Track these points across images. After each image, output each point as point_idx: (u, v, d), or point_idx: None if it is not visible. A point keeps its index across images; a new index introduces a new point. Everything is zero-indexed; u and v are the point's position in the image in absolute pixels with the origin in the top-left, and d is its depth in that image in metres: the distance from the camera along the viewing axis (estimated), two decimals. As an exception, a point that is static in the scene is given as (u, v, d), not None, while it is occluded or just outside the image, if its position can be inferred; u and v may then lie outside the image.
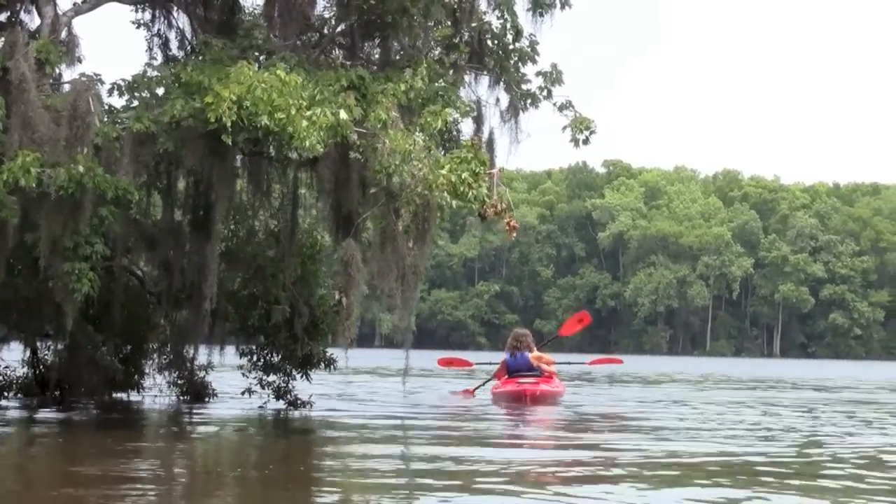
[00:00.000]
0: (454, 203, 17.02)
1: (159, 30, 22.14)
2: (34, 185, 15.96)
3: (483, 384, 30.50)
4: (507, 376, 28.39)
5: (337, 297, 17.50)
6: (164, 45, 22.07)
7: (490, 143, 20.96)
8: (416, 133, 17.19)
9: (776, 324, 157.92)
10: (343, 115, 16.16)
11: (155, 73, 18.49)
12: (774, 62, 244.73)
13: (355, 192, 18.20)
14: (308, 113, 16.08)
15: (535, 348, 29.03)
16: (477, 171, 17.12)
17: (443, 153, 17.94)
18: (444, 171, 16.86)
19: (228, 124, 15.97)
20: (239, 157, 19.07)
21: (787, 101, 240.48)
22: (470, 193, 17.01)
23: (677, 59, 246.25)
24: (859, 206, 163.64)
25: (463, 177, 16.94)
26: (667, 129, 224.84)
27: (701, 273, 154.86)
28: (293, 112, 16.01)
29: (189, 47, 21.52)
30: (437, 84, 18.46)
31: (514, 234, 17.50)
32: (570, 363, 37.84)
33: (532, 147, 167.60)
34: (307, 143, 15.90)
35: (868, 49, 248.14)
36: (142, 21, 21.95)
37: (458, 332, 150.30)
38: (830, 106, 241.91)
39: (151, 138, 17.45)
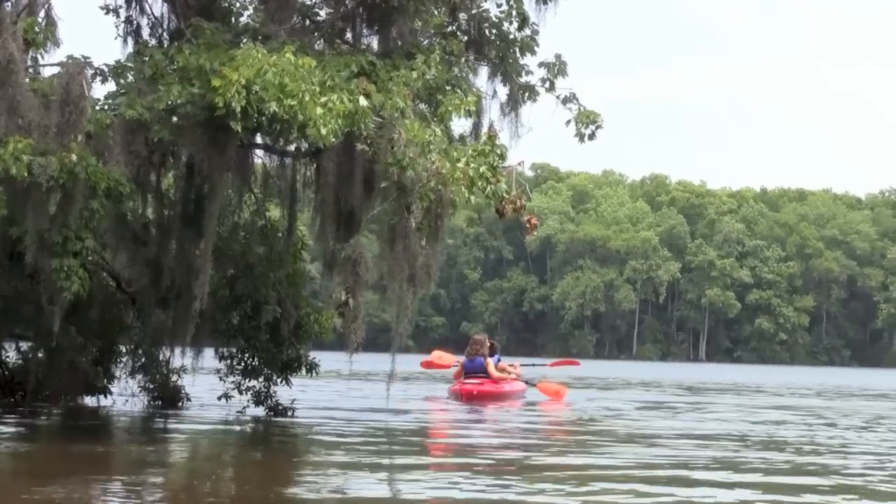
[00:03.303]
0: (472, 199, 16.00)
1: (129, 16, 20.93)
2: (25, 175, 14.71)
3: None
4: (463, 377, 31.64)
5: (343, 297, 16.35)
6: (136, 32, 20.85)
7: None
8: (432, 123, 16.11)
9: (702, 328, 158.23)
10: (362, 101, 15.04)
11: (144, 58, 17.27)
12: (700, 67, 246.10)
13: (359, 187, 17.10)
14: (323, 99, 14.95)
15: (487, 353, 32.08)
16: (495, 164, 16.11)
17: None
18: (461, 165, 15.80)
19: (238, 110, 14.81)
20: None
21: (714, 106, 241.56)
22: (488, 188, 15.99)
23: (603, 63, 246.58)
24: (785, 211, 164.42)
25: (481, 171, 15.91)
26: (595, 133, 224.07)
27: (628, 277, 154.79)
28: (306, 98, 14.88)
29: (165, 33, 20.38)
30: (445, 73, 17.42)
31: (535, 233, 16.47)
32: (534, 365, 38.67)
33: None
34: (323, 132, 14.76)
35: (794, 55, 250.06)
36: (112, 7, 20.79)
37: (385, 334, 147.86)
38: (756, 111, 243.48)
39: (143, 127, 16.29)
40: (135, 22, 20.93)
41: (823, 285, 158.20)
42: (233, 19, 19.48)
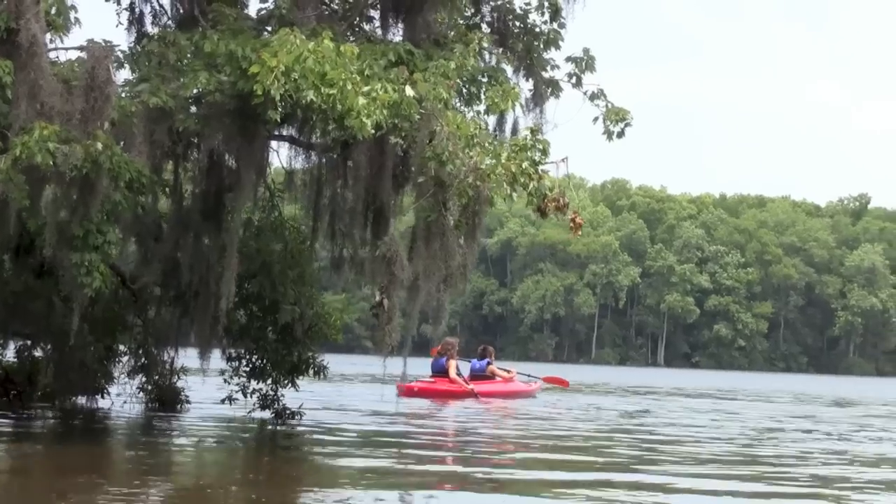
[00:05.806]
0: (514, 196, 15.28)
1: (132, 3, 20.06)
2: (50, 164, 13.83)
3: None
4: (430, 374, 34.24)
5: (378, 298, 15.56)
6: (139, 20, 19.94)
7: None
8: (472, 115, 15.39)
9: (661, 333, 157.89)
10: (409, 91, 14.24)
11: (168, 43, 16.38)
12: (662, 72, 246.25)
13: (389, 182, 16.33)
14: (365, 89, 14.14)
15: (454, 356, 34.18)
16: (538, 160, 15.38)
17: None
18: (502, 160, 15.05)
19: (277, 98, 13.98)
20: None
21: (674, 112, 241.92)
22: (531, 185, 15.26)
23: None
24: (745, 218, 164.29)
25: (524, 167, 15.17)
26: (556, 138, 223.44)
27: (588, 281, 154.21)
28: (348, 87, 14.07)
29: (171, 21, 19.51)
30: (480, 64, 16.69)
31: (579, 232, 15.74)
32: (529, 375, 38.52)
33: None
34: (367, 123, 13.95)
35: (759, 66, 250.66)
36: (114, -7, 19.89)
37: (344, 335, 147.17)
38: (717, 118, 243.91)
39: (166, 115, 15.45)
40: (137, 10, 20.03)
41: (782, 292, 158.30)
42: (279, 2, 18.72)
